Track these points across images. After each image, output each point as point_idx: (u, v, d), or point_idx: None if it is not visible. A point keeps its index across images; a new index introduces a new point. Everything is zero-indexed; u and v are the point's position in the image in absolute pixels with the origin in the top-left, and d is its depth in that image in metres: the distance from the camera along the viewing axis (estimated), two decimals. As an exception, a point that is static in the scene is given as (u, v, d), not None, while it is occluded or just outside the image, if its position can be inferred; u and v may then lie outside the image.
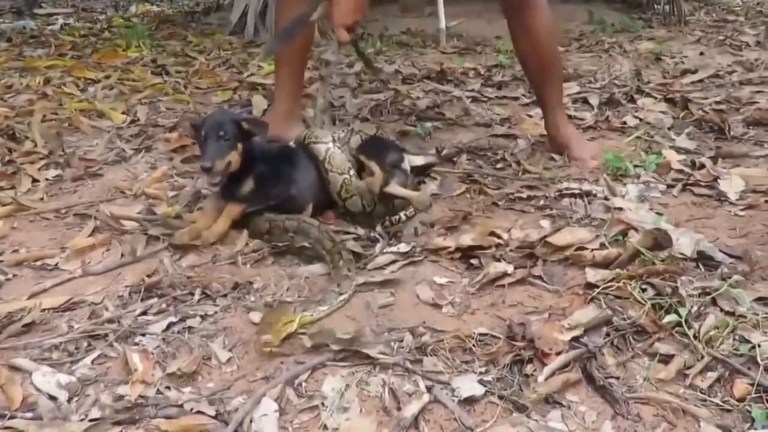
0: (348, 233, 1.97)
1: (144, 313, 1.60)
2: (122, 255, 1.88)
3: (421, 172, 2.30)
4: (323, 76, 2.22)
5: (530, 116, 3.02)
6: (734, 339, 1.45)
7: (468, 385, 1.33)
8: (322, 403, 1.30)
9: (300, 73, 2.64)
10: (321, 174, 2.04)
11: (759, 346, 1.40)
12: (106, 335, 1.52)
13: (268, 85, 3.45)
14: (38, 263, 1.86)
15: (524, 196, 2.20)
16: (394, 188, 1.97)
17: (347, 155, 2.07)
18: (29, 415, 1.30)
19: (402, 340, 1.48)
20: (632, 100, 3.20)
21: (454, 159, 2.49)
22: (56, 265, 1.84)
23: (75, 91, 3.49)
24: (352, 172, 2.02)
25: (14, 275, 1.81)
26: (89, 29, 5.38)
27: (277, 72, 2.66)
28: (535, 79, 2.59)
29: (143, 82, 3.67)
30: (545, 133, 2.66)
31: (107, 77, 3.76)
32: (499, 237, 1.89)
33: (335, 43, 2.13)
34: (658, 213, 2.02)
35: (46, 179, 2.41)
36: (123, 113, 3.11)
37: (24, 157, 2.59)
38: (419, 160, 2.15)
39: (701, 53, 4.26)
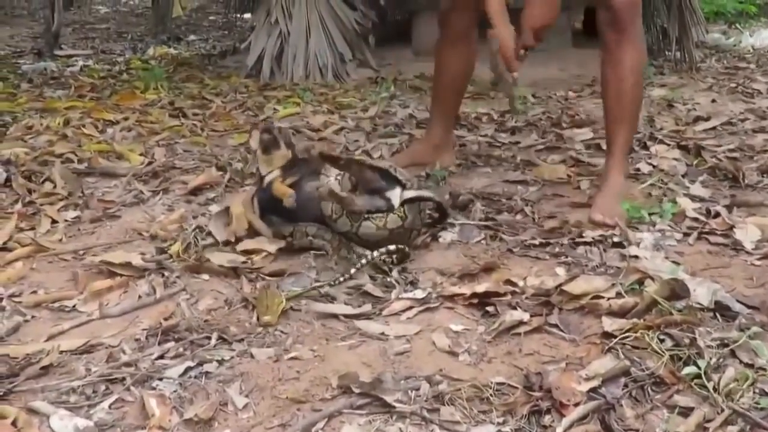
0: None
1: (161, 356, 1.61)
2: (139, 297, 1.90)
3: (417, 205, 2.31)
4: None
5: (545, 161, 3.04)
6: (754, 392, 1.44)
7: (486, 436, 1.33)
8: (339, 452, 1.30)
9: (455, 105, 2.87)
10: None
11: (780, 399, 1.39)
12: (124, 379, 1.53)
13: (284, 128, 3.50)
14: (56, 305, 1.87)
15: (539, 242, 2.21)
16: (335, 189, 2.05)
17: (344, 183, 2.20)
18: (46, 459, 1.30)
19: (419, 389, 1.48)
20: (645, 147, 3.22)
21: (469, 205, 2.50)
22: (74, 306, 1.86)
23: (94, 132, 3.55)
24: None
25: (33, 317, 1.82)
26: (108, 71, 5.48)
27: (433, 102, 2.86)
28: (608, 115, 2.50)
29: (161, 124, 3.73)
30: (561, 177, 2.68)
31: (125, 119, 3.82)
32: (514, 284, 1.90)
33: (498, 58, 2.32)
34: (674, 262, 2.02)
35: (65, 220, 2.44)
36: (141, 155, 3.15)
37: (43, 198, 2.63)
38: (411, 194, 2.17)
39: (713, 100, 4.29)
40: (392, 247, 2.01)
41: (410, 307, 1.81)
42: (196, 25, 8.99)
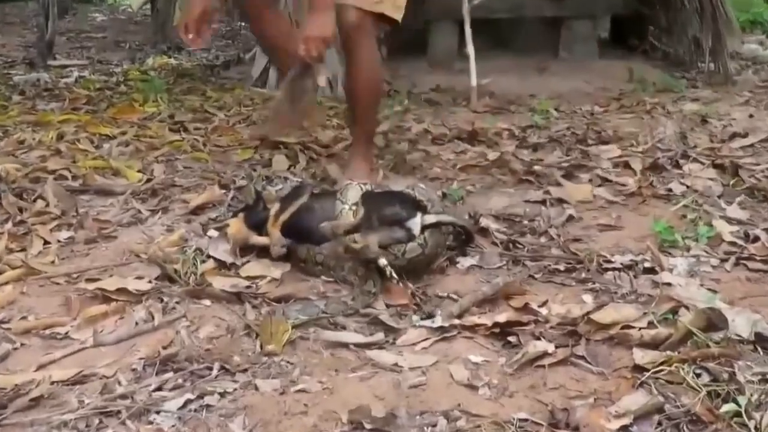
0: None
1: (159, 388, 1.61)
2: (136, 324, 1.91)
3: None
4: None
5: (569, 180, 3.04)
6: (799, 432, 1.42)
7: (508, 478, 1.32)
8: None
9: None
10: None
11: (827, 440, 1.37)
12: (119, 412, 1.53)
13: (291, 144, 3.52)
14: (47, 331, 1.88)
15: (564, 268, 2.21)
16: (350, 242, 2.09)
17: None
18: (36, 498, 1.30)
19: (435, 425, 1.47)
20: (678, 166, 3.22)
21: (488, 227, 2.50)
22: (66, 333, 1.87)
23: (89, 148, 3.58)
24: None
25: (22, 344, 1.83)
26: (104, 82, 5.53)
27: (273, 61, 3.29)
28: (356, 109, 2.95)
29: (160, 139, 3.75)
30: (587, 197, 2.71)
31: (123, 133, 3.85)
32: (538, 313, 1.90)
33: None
34: (710, 290, 2.01)
35: (58, 241, 2.46)
36: (139, 171, 3.17)
37: (35, 217, 2.64)
38: (431, 219, 2.19)
39: (751, 115, 4.28)
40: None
41: (426, 337, 1.81)
42: (198, 34, 9.05)
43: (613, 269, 2.18)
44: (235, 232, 2.30)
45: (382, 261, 2.04)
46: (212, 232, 2.45)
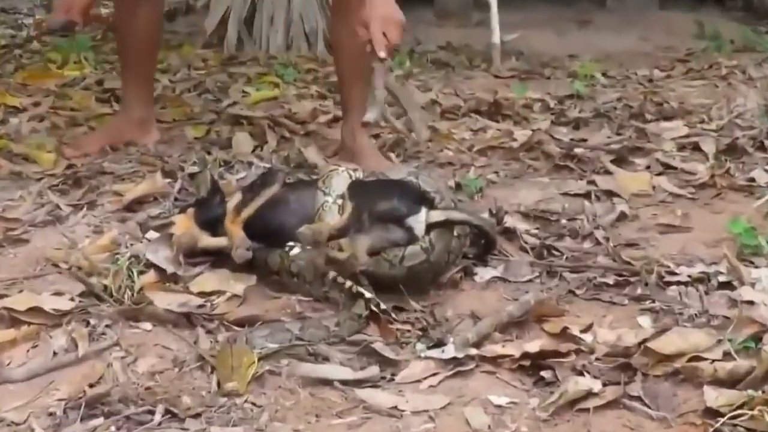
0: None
1: (84, 438, 1.62)
2: (54, 354, 1.90)
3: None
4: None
5: (621, 167, 3.05)
6: None
7: None
8: None
9: (150, 69, 3.41)
10: None
11: None
12: (33, 469, 1.53)
13: (256, 119, 3.52)
14: (-62, 364, 1.88)
15: (613, 281, 2.22)
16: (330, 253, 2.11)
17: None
18: None
19: (446, 487, 1.48)
20: (762, 148, 3.24)
21: (515, 228, 2.51)
22: (-37, 367, 1.87)
23: (-9, 123, 3.58)
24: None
25: None
26: (11, 38, 5.53)
27: (124, 70, 3.36)
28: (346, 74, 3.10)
29: (85, 112, 3.75)
30: (644, 189, 2.73)
31: (36, 104, 3.85)
32: (580, 340, 1.90)
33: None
34: (804, 310, 2.02)
35: (-48, 246, 2.46)
36: (54, 154, 3.16)
37: None
38: (439, 216, 2.18)
39: None
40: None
41: (434, 372, 1.81)
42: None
43: (678, 283, 2.19)
44: (181, 233, 2.29)
45: (368, 294, 2.04)
46: (152, 234, 2.45)
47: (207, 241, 2.29)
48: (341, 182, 2.28)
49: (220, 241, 2.28)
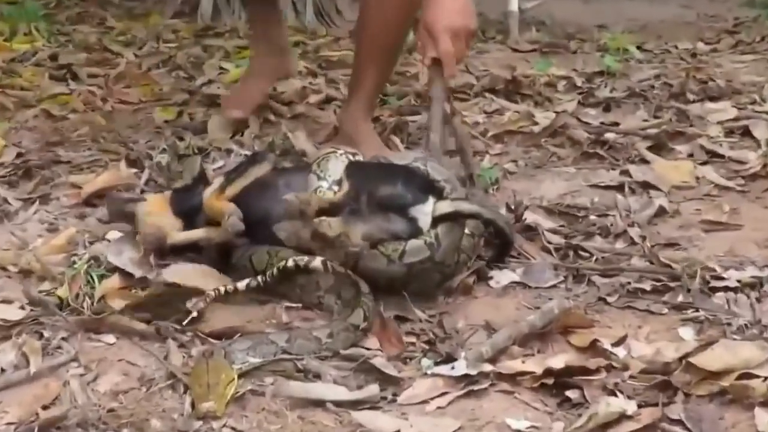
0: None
1: (37, 468, 1.63)
2: (2, 371, 1.91)
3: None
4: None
5: (659, 155, 3.05)
6: None
7: None
8: None
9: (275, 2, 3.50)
10: None
11: None
12: (-23, 504, 1.54)
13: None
14: None
15: (650, 287, 2.22)
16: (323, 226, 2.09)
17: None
18: None
19: None
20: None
21: (536, 225, 2.51)
22: None
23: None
24: None
25: None
26: (-50, 6, 5.53)
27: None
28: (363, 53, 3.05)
29: (36, 92, 3.75)
30: (686, 180, 2.76)
31: (-21, 83, 3.86)
32: (612, 355, 1.91)
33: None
34: None
35: None
36: (3, 140, 3.17)
37: None
38: (447, 207, 2.17)
39: None
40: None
41: (443, 391, 1.81)
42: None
43: (726, 289, 2.19)
44: (147, 227, 2.28)
45: (363, 287, 2.04)
46: (114, 233, 2.45)
47: (179, 236, 2.28)
48: (338, 166, 2.26)
49: (195, 234, 2.27)
